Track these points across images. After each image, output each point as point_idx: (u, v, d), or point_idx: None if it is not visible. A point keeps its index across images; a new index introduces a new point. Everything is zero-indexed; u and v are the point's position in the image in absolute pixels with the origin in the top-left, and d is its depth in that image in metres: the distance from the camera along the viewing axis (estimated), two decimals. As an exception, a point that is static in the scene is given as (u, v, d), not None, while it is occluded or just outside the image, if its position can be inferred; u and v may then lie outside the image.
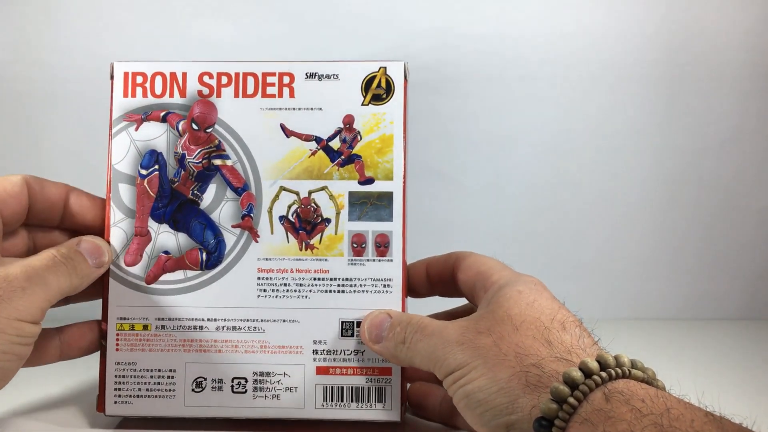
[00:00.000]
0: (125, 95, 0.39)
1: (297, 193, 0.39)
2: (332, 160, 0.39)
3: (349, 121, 0.39)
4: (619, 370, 0.27)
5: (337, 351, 0.38)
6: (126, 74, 0.40)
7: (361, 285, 0.38)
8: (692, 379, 0.32)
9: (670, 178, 0.64)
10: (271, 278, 0.38)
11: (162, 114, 0.39)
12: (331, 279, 0.38)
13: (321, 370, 0.37)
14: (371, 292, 0.38)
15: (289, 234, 0.38)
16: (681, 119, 0.63)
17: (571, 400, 0.26)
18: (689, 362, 0.52)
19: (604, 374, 0.27)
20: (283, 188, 0.39)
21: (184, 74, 0.40)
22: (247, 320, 0.38)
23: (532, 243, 0.64)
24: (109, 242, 0.38)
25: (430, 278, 0.40)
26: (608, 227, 0.64)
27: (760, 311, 0.66)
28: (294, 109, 0.39)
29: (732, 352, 0.56)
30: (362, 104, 0.39)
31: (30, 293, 0.32)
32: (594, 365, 0.27)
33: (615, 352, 0.29)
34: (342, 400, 0.37)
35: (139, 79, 0.40)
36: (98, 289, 0.38)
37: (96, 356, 0.39)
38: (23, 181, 0.36)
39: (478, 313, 0.34)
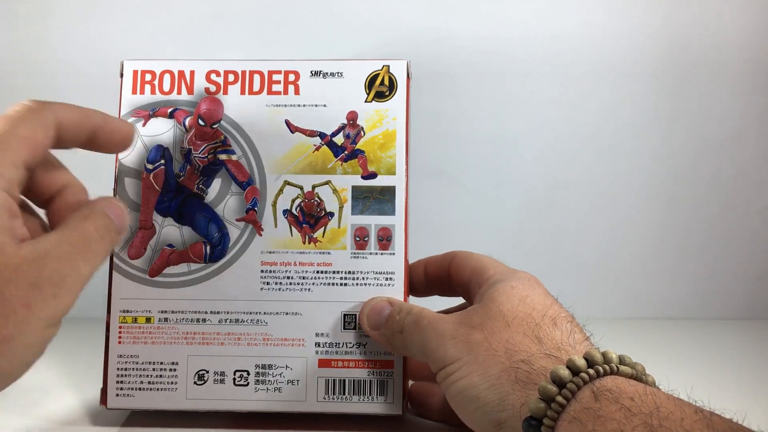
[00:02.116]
0: (134, 92, 0.39)
1: (301, 188, 0.38)
2: (336, 155, 0.38)
3: (352, 117, 0.38)
4: (607, 367, 0.26)
5: (339, 344, 0.37)
6: (135, 72, 0.40)
7: (363, 278, 0.37)
8: (692, 378, 0.31)
9: (670, 178, 0.63)
10: (274, 271, 0.37)
11: (169, 110, 0.39)
12: (333, 272, 0.37)
13: (323, 363, 0.36)
14: (373, 285, 0.37)
15: (292, 227, 0.38)
16: (681, 119, 0.62)
17: (559, 398, 0.25)
18: (689, 362, 0.51)
19: (591, 371, 0.26)
20: (287, 182, 0.38)
21: (192, 72, 0.39)
22: (250, 313, 0.37)
23: (532, 243, 0.63)
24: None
25: (428, 277, 0.39)
26: (608, 227, 0.63)
27: (761, 311, 0.64)
28: (299, 105, 0.39)
29: (732, 352, 0.54)
30: (366, 101, 0.38)
31: (60, 300, 0.27)
32: (581, 363, 0.26)
33: (615, 351, 0.27)
34: (344, 394, 0.36)
35: (148, 77, 0.39)
36: None
37: (99, 352, 0.38)
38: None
39: (472, 307, 0.33)
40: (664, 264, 0.64)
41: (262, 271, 0.37)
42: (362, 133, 0.38)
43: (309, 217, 0.38)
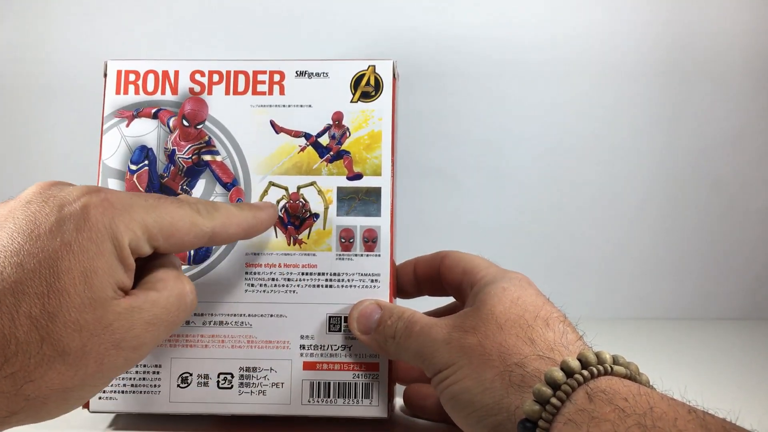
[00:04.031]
0: (117, 92, 0.38)
1: (286, 189, 0.37)
2: (321, 156, 0.37)
3: (338, 117, 0.38)
4: (600, 368, 0.26)
5: (324, 346, 0.36)
6: (119, 72, 0.39)
7: (348, 280, 0.36)
8: (693, 379, 0.30)
9: (670, 179, 0.62)
10: (258, 273, 0.36)
11: (153, 111, 0.38)
12: (318, 274, 0.36)
13: (308, 366, 0.35)
14: (359, 287, 0.36)
15: (277, 229, 0.37)
16: (682, 119, 0.61)
17: (554, 400, 0.25)
18: (689, 362, 0.50)
19: (585, 373, 0.25)
20: (272, 183, 0.37)
21: (176, 72, 0.38)
22: (234, 315, 0.36)
23: (532, 243, 0.61)
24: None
25: (418, 277, 0.38)
26: (608, 227, 0.62)
27: (760, 311, 0.63)
28: (284, 106, 0.38)
29: (732, 352, 0.54)
30: (351, 101, 0.38)
31: (128, 364, 0.26)
32: (575, 364, 0.26)
33: (612, 351, 0.27)
34: (329, 396, 0.35)
35: (132, 77, 0.39)
36: None
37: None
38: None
39: (465, 311, 0.32)
40: (664, 264, 0.63)
41: (246, 273, 0.37)
42: (348, 133, 0.38)
43: (294, 219, 0.37)
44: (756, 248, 0.63)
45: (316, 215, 0.37)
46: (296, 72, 0.38)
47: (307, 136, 0.38)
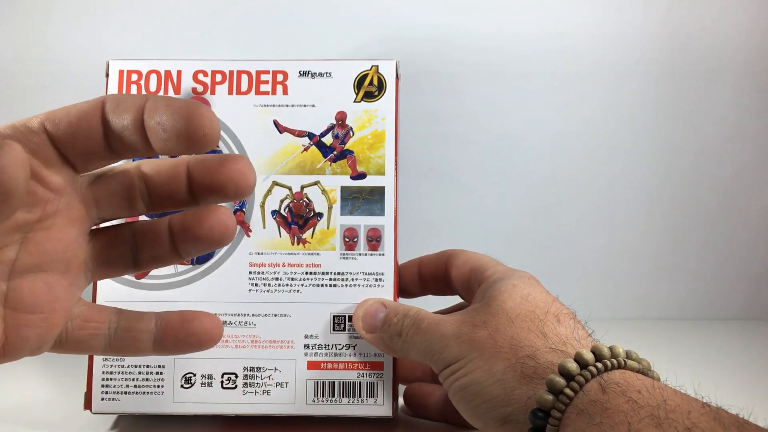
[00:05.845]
0: (119, 92, 0.39)
1: (289, 188, 0.37)
2: (325, 156, 0.37)
3: (341, 117, 0.37)
4: (614, 361, 0.26)
5: (328, 345, 0.35)
6: (121, 72, 0.39)
7: (352, 279, 0.36)
8: (692, 378, 0.31)
9: (670, 178, 0.62)
10: (262, 272, 0.36)
11: (156, 111, 0.39)
12: (323, 273, 0.36)
13: (312, 365, 0.35)
14: (363, 286, 0.36)
15: (281, 228, 0.37)
16: (681, 119, 0.61)
17: (567, 390, 0.25)
18: (689, 362, 0.50)
19: (599, 365, 0.25)
20: (275, 183, 0.37)
21: (179, 72, 0.38)
22: (238, 315, 0.36)
23: (532, 243, 0.61)
24: None
25: (423, 277, 0.38)
26: (608, 227, 0.62)
27: (760, 311, 0.63)
28: (287, 105, 0.38)
29: (732, 352, 0.53)
30: (354, 101, 0.38)
31: None
32: (589, 356, 0.26)
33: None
34: (333, 396, 0.35)
35: (134, 77, 0.38)
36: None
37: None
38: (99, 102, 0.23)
39: (473, 306, 0.32)
40: (664, 264, 0.63)
41: (250, 273, 0.36)
42: (351, 133, 0.38)
43: (298, 218, 0.37)
44: (756, 248, 0.63)
45: (320, 215, 0.37)
46: (299, 72, 0.38)
47: (310, 135, 0.38)
